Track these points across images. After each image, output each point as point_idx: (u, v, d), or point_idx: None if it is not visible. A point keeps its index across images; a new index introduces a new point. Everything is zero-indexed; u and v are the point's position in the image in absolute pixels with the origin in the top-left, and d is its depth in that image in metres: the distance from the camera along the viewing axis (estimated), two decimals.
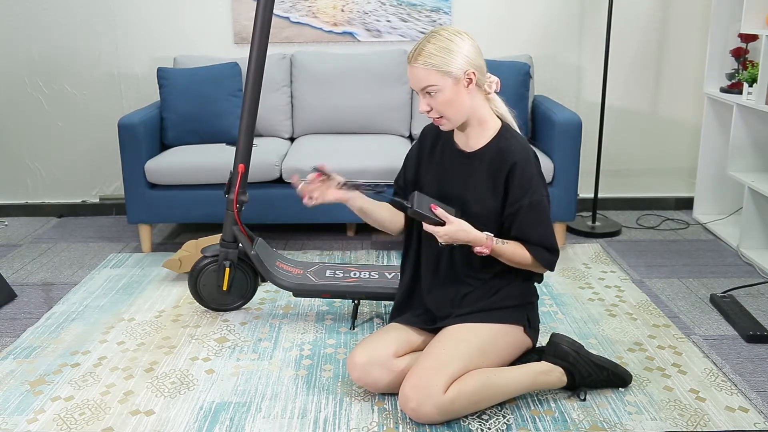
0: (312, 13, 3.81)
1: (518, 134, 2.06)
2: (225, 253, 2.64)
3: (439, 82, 1.93)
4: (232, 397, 2.16)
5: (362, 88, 3.65)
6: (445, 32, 1.95)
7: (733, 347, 2.45)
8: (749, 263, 3.21)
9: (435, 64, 1.92)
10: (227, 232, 2.62)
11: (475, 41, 1.98)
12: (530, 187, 1.98)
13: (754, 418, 2.03)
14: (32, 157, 4.03)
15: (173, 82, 3.50)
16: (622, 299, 2.83)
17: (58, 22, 3.83)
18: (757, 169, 3.45)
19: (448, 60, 1.92)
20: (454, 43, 1.93)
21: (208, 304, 2.73)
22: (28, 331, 2.61)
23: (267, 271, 2.60)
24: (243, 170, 2.58)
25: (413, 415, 1.93)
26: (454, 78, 1.93)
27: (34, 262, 3.33)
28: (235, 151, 2.59)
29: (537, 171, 2.01)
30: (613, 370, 2.14)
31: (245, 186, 2.60)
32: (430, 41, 1.94)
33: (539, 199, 1.99)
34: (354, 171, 3.22)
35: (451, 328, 2.04)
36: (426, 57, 1.92)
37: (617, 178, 4.06)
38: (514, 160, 1.98)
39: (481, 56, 1.98)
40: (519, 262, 2.02)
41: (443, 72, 1.92)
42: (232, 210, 2.59)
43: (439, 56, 1.92)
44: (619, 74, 3.91)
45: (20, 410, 2.10)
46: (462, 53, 1.93)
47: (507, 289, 2.08)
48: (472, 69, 1.94)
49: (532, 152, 2.03)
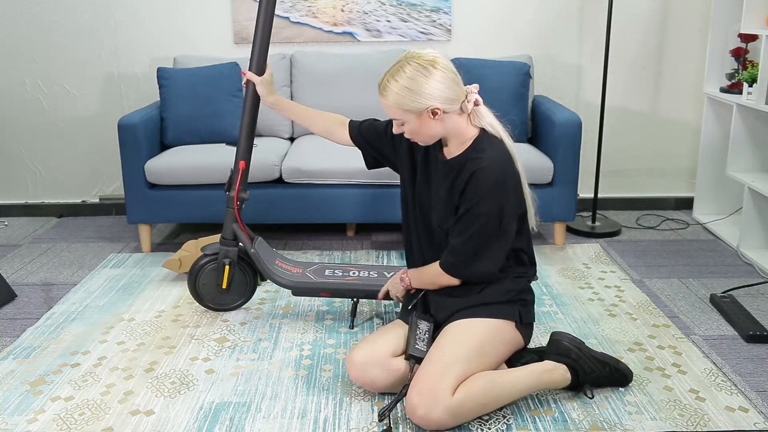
0: (312, 13, 3.81)
1: (499, 146, 2.00)
2: (225, 251, 2.64)
3: (403, 117, 1.96)
4: (232, 397, 2.16)
5: (362, 88, 3.65)
6: (409, 67, 1.91)
7: (733, 347, 2.45)
8: (749, 263, 3.21)
9: (397, 103, 1.93)
10: (227, 230, 2.62)
11: (445, 69, 1.92)
12: (477, 197, 1.95)
13: (754, 418, 2.03)
14: (32, 157, 4.03)
15: (173, 82, 3.50)
16: (622, 299, 2.83)
17: (58, 22, 3.83)
18: (756, 169, 3.45)
19: (409, 100, 1.92)
20: (417, 82, 1.90)
21: (208, 304, 2.73)
22: (28, 331, 2.61)
23: (266, 269, 2.60)
24: (244, 167, 2.58)
25: (422, 422, 1.90)
26: (416, 113, 1.94)
27: (34, 262, 3.33)
28: (236, 149, 2.58)
29: (498, 185, 1.94)
30: (615, 365, 2.14)
31: (246, 183, 2.60)
32: (394, 77, 1.92)
33: (482, 212, 1.95)
34: (354, 171, 3.22)
35: (447, 332, 2.04)
36: (389, 94, 1.93)
37: (617, 178, 4.06)
38: (474, 169, 1.95)
39: (450, 86, 1.93)
40: (443, 282, 2.10)
41: (405, 110, 1.94)
42: (233, 207, 2.59)
43: (401, 95, 1.92)
44: (619, 74, 3.91)
45: (20, 410, 2.10)
46: (424, 92, 1.91)
47: (499, 284, 2.08)
48: (435, 105, 1.92)
49: (507, 168, 1.97)
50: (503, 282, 2.09)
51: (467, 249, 2.01)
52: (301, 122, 2.44)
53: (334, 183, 3.26)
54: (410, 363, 2.03)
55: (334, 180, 3.25)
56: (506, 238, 2.01)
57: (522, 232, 2.08)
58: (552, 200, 3.28)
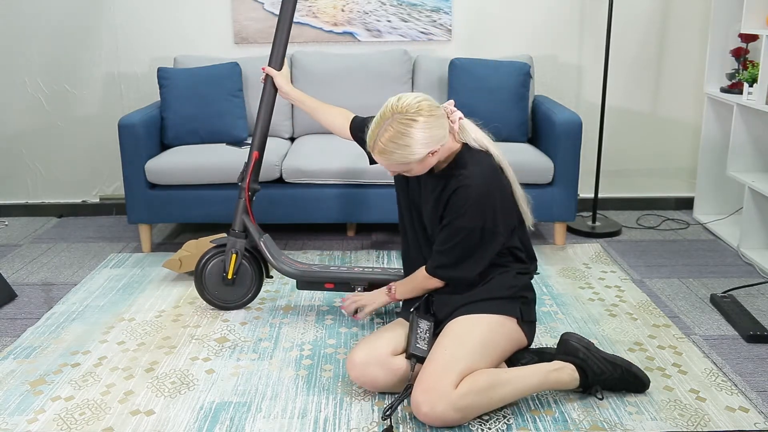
0: (312, 13, 3.81)
1: (483, 160, 2.02)
2: (233, 242, 2.66)
3: (405, 168, 1.99)
4: (232, 397, 2.16)
5: (362, 88, 3.65)
6: (397, 123, 1.91)
7: (733, 347, 2.45)
8: (749, 263, 3.21)
9: (396, 161, 1.95)
10: (237, 221, 2.65)
11: (427, 113, 1.92)
12: (458, 213, 2.00)
13: (754, 418, 2.03)
14: (32, 157, 4.03)
15: (173, 82, 3.50)
16: (623, 299, 2.83)
17: (58, 22, 3.83)
18: (757, 169, 3.45)
19: (407, 154, 1.93)
20: (409, 136, 1.91)
21: (212, 299, 2.74)
22: (29, 331, 2.61)
23: (274, 258, 2.64)
24: (257, 158, 2.63)
25: (427, 419, 1.91)
26: (417, 162, 1.96)
27: (34, 262, 3.33)
28: (252, 139, 2.65)
29: (479, 202, 1.98)
30: (626, 368, 2.11)
31: (258, 174, 2.65)
32: (386, 135, 1.92)
33: (463, 227, 2.00)
34: (353, 171, 3.22)
35: (449, 329, 2.05)
36: (384, 153, 1.94)
37: (617, 178, 4.06)
38: (456, 186, 1.99)
39: (437, 125, 1.94)
40: (429, 286, 2.16)
41: (406, 164, 1.96)
42: (244, 198, 2.62)
43: (398, 152, 1.93)
44: (619, 74, 3.91)
45: (20, 410, 2.10)
46: (418, 145, 1.92)
47: (499, 279, 2.09)
48: (432, 148, 1.95)
49: (491, 181, 2.00)
50: (505, 277, 2.09)
51: (450, 257, 2.07)
52: (311, 113, 2.53)
53: (335, 183, 3.26)
54: (411, 362, 2.04)
55: (335, 180, 3.25)
56: (489, 247, 2.05)
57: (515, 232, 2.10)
58: (552, 200, 3.28)
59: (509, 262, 2.11)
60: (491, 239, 2.03)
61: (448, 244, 2.05)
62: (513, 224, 2.08)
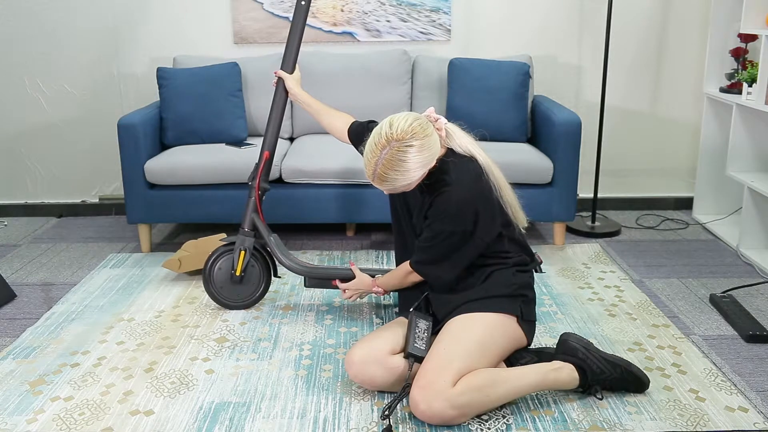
0: (312, 13, 3.81)
1: (466, 166, 2.04)
2: (242, 239, 2.68)
3: (407, 188, 2.01)
4: (231, 397, 2.16)
5: (362, 88, 3.65)
6: (395, 151, 1.91)
7: (733, 347, 2.45)
8: (749, 263, 3.21)
9: (398, 186, 1.98)
10: (247, 220, 2.67)
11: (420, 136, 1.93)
12: (438, 218, 2.03)
13: (753, 418, 2.03)
14: (32, 157, 4.03)
15: (173, 82, 3.50)
16: (622, 299, 2.83)
17: (58, 22, 3.83)
18: (756, 169, 3.45)
19: (408, 178, 1.95)
20: (408, 161, 1.92)
21: (219, 298, 2.75)
22: (28, 331, 2.61)
23: (283, 256, 2.67)
24: (267, 157, 2.67)
25: (425, 416, 1.92)
26: (417, 180, 1.99)
27: (33, 262, 3.33)
28: (263, 139, 2.70)
29: (460, 208, 2.00)
30: (626, 367, 2.11)
31: (268, 173, 2.70)
32: (384, 164, 1.93)
33: (442, 230, 2.04)
34: (353, 171, 3.23)
35: (448, 328, 2.05)
36: (386, 182, 1.96)
37: (617, 178, 4.06)
38: (437, 193, 2.03)
39: (429, 145, 1.95)
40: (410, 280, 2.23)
41: (407, 185, 1.98)
42: (255, 197, 2.66)
43: (400, 179, 1.95)
44: (619, 74, 3.91)
45: (20, 410, 2.10)
46: (418, 164, 1.94)
47: (498, 276, 2.09)
48: (430, 166, 1.98)
49: (474, 186, 2.01)
50: (504, 274, 2.10)
51: (429, 254, 2.11)
52: (315, 116, 2.62)
53: (334, 183, 3.26)
54: (409, 361, 2.04)
55: (334, 180, 3.25)
56: (468, 251, 2.07)
57: (503, 234, 2.11)
58: (552, 200, 3.28)
59: (506, 259, 2.12)
60: (470, 244, 2.05)
61: (428, 243, 2.09)
62: (497, 229, 2.08)
